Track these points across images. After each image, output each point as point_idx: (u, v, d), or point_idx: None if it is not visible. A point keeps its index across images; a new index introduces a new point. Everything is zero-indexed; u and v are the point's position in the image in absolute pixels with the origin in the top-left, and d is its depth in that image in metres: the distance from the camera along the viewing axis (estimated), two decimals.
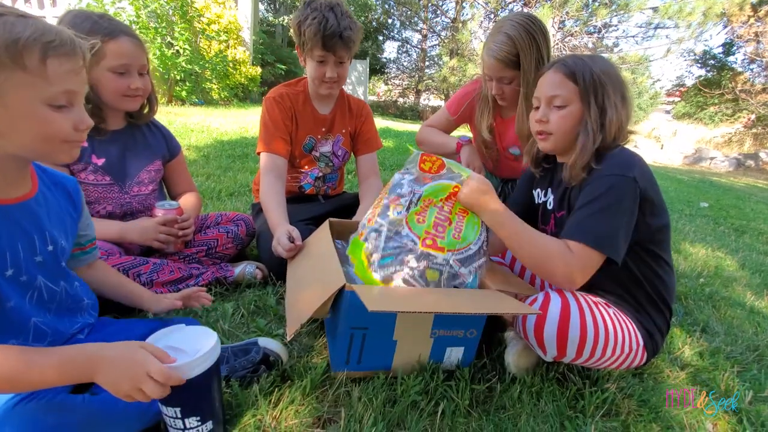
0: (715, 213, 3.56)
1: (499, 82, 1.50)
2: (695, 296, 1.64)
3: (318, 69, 1.41)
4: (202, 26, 6.16)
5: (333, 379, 0.94)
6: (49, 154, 0.66)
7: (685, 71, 15.47)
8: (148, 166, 1.29)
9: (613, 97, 0.99)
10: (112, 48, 1.08)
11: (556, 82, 1.03)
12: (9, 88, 0.58)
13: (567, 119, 1.02)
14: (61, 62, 0.60)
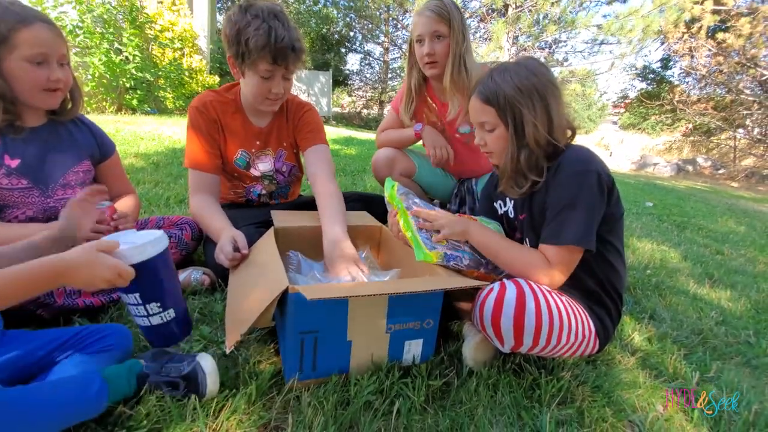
0: (660, 211, 3.78)
1: (431, 39, 1.57)
2: (643, 286, 1.71)
3: (263, 84, 1.25)
4: (155, 33, 5.94)
5: (281, 384, 0.88)
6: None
7: (628, 84, 16.60)
8: (75, 167, 1.16)
9: (529, 111, 1.01)
10: (26, 36, 0.96)
11: (479, 109, 1.08)
12: None
13: (499, 140, 1.07)
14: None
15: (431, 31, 1.55)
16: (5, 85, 0.98)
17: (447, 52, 1.57)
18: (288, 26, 1.21)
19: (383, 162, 1.85)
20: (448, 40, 1.56)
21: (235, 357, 0.97)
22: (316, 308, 0.84)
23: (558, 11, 10.18)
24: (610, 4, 10.92)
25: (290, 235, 1.25)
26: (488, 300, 0.93)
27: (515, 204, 1.18)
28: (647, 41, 9.80)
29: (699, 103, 12.29)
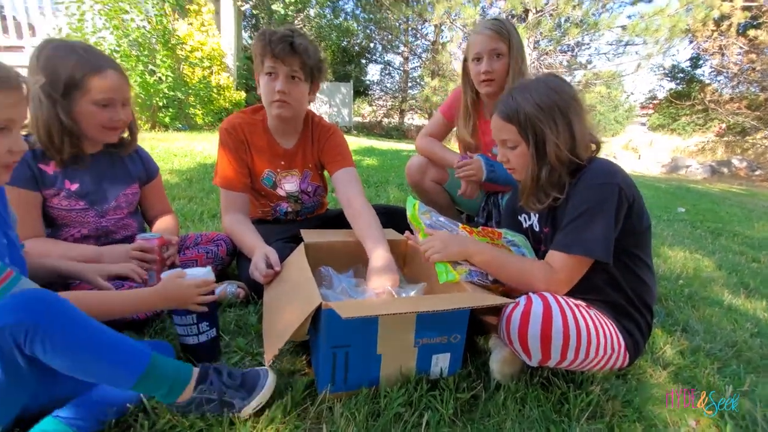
0: (692, 217, 3.65)
1: (490, 56, 1.56)
2: (675, 297, 1.67)
3: (269, 83, 1.30)
4: (185, 53, 6.23)
5: (314, 396, 0.93)
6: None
7: (657, 85, 16.14)
8: (126, 190, 1.28)
9: (550, 130, 1.03)
10: (97, 83, 1.07)
11: (500, 127, 1.10)
12: None
13: (521, 158, 1.09)
14: (4, 95, 0.69)
15: (490, 49, 1.54)
16: (74, 124, 1.09)
17: (505, 70, 1.57)
18: (294, 31, 1.28)
19: (416, 168, 1.88)
20: (507, 58, 1.56)
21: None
22: (348, 324, 0.88)
23: (580, 14, 10.02)
24: (634, 4, 10.67)
25: (320, 250, 1.30)
26: (515, 314, 0.95)
27: (540, 217, 1.19)
28: (675, 41, 9.49)
29: (732, 102, 11.78)
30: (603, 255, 0.97)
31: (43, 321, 0.65)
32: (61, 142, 1.08)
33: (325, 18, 13.24)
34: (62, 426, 0.75)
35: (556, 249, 1.02)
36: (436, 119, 1.91)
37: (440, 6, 9.95)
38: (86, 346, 0.69)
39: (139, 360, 0.75)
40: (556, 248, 1.02)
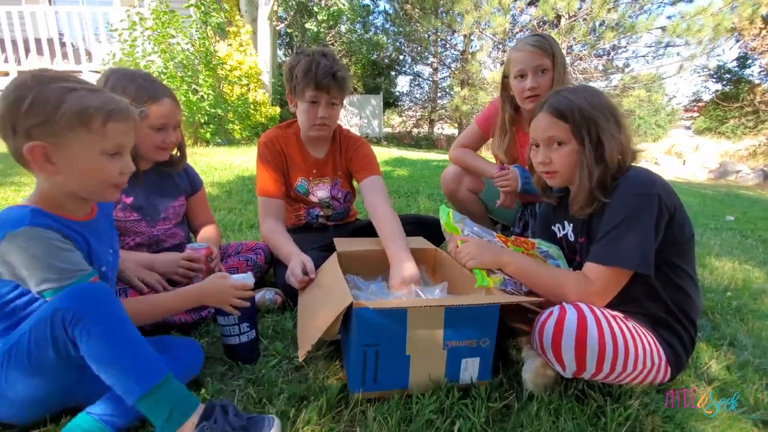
0: (742, 226, 3.43)
1: (535, 73, 1.55)
2: (722, 310, 1.59)
3: (310, 110, 1.43)
4: (225, 72, 6.57)
5: (349, 399, 0.96)
6: (99, 194, 0.85)
7: (701, 86, 15.29)
8: (174, 203, 1.39)
9: (606, 128, 1.02)
10: (155, 110, 1.20)
11: (548, 124, 1.07)
12: (75, 144, 0.77)
13: (568, 157, 1.06)
14: (117, 125, 0.80)
15: (534, 65, 1.54)
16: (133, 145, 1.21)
17: (550, 85, 1.56)
18: (333, 61, 1.40)
19: (452, 177, 1.90)
20: (552, 73, 1.55)
21: (306, 372, 1.06)
22: (377, 322, 0.92)
23: (615, 17, 9.75)
24: (674, 4, 10.26)
25: (352, 259, 1.34)
26: (548, 323, 0.94)
27: (574, 227, 1.17)
28: (719, 40, 9.06)
29: None
30: (642, 267, 0.95)
31: (88, 309, 0.72)
32: None
33: (355, 33, 13.58)
34: (96, 423, 0.79)
35: (593, 260, 1.00)
36: (471, 130, 1.91)
37: (469, 16, 9.97)
38: (112, 344, 0.73)
39: (151, 375, 0.74)
40: (592, 260, 1.00)
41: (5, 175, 3.16)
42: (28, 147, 0.74)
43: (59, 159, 0.77)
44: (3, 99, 0.75)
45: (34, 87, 0.74)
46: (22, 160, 0.77)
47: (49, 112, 0.74)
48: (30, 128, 0.74)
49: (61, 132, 0.75)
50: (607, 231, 0.99)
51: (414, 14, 13.21)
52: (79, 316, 0.71)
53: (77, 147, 0.77)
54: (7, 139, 0.76)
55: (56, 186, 0.81)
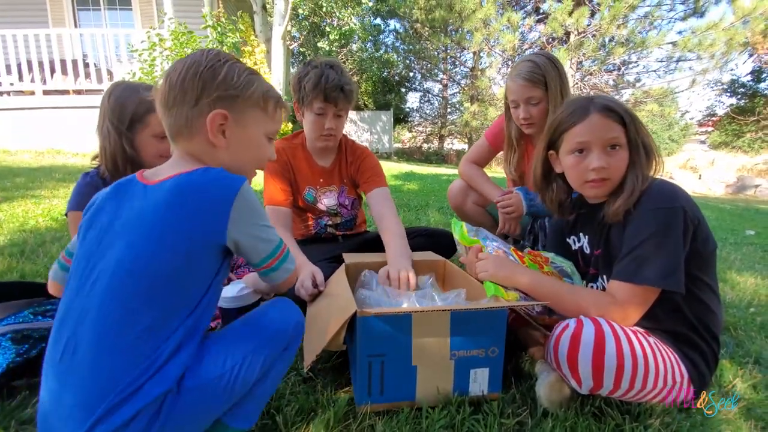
0: (764, 240, 3.33)
1: (526, 104, 1.55)
2: (746, 326, 1.52)
3: (317, 121, 1.46)
4: None
5: (357, 413, 0.94)
6: (245, 170, 0.85)
7: (715, 101, 15.15)
8: None
9: (645, 132, 1.00)
10: (156, 118, 1.18)
11: (607, 125, 0.99)
12: (251, 122, 0.82)
13: (624, 161, 1.01)
14: (281, 111, 0.87)
15: (525, 98, 1.54)
16: (136, 154, 1.23)
17: (543, 113, 1.55)
18: (340, 73, 1.43)
19: (458, 190, 1.89)
20: (544, 102, 1.54)
21: (314, 383, 1.04)
22: (382, 331, 0.90)
23: (625, 33, 9.78)
24: (685, 20, 10.26)
25: (360, 269, 1.34)
26: (563, 337, 0.91)
27: (590, 239, 1.15)
28: (732, 54, 9.00)
29: None
30: (674, 285, 0.91)
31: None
32: (125, 169, 1.22)
33: (366, 51, 13.86)
34: None
35: (619, 279, 0.96)
36: (480, 144, 1.91)
37: (479, 34, 10.12)
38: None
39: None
40: (618, 278, 0.96)
41: (26, 188, 3.25)
42: (213, 114, 0.75)
43: (232, 133, 0.79)
44: (191, 67, 0.75)
45: (226, 62, 0.78)
46: (193, 128, 0.76)
47: (240, 88, 0.78)
48: (218, 99, 0.76)
49: (245, 109, 0.79)
50: (633, 247, 0.95)
51: (424, 32, 13.46)
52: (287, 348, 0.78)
53: (252, 125, 0.82)
54: (182, 106, 0.76)
55: (211, 156, 0.79)
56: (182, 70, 0.75)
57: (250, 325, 0.76)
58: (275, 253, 0.80)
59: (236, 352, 0.70)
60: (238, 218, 0.71)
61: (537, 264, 1.17)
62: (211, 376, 0.67)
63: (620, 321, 0.94)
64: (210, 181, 0.72)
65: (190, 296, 0.68)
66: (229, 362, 0.69)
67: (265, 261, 0.79)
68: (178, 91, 0.75)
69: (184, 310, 0.67)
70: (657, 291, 0.94)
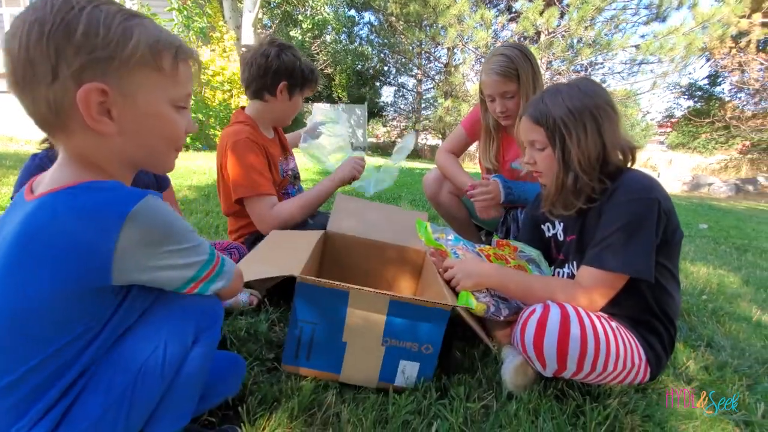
0: (715, 234, 3.54)
1: (502, 98, 1.56)
2: (698, 312, 1.60)
3: (299, 104, 1.61)
4: (207, 78, 6.50)
5: (322, 402, 0.91)
6: (160, 158, 0.65)
7: (673, 103, 15.95)
8: None
9: (577, 136, 1.01)
10: None
11: (528, 128, 1.08)
12: (144, 88, 0.57)
13: (548, 159, 1.07)
14: (186, 66, 0.62)
15: (500, 92, 1.54)
16: None
17: (519, 106, 1.56)
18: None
19: (433, 179, 1.89)
20: (519, 96, 1.55)
21: (278, 374, 1.01)
22: (318, 301, 0.91)
23: (592, 34, 10.09)
24: (647, 24, 10.69)
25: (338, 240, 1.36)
26: (530, 321, 0.92)
27: (565, 226, 1.17)
28: (691, 59, 9.46)
29: (755, 118, 11.56)
30: (644, 273, 0.93)
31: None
32: None
33: (340, 43, 13.68)
34: None
35: (590, 265, 0.98)
36: (457, 133, 1.90)
37: (453, 30, 10.17)
38: None
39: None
40: (589, 264, 0.98)
41: None
42: (83, 91, 0.52)
43: (121, 112, 0.56)
44: (33, 28, 0.51)
45: (84, 9, 0.52)
46: (62, 115, 0.54)
47: (113, 45, 0.53)
48: (84, 67, 0.52)
49: (128, 73, 0.55)
50: (606, 235, 0.97)
51: (398, 26, 13.41)
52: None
53: (145, 93, 0.57)
54: (36, 87, 0.52)
55: (105, 151, 0.58)
56: (22, 33, 0.51)
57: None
58: (200, 275, 0.62)
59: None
60: (130, 255, 0.53)
61: (503, 259, 1.18)
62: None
63: (587, 306, 0.96)
64: (74, 219, 0.51)
65: (60, 344, 0.53)
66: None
67: (187, 285, 0.62)
68: (24, 65, 0.51)
69: (51, 363, 0.53)
70: (625, 278, 0.97)
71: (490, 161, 1.77)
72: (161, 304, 0.62)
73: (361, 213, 1.45)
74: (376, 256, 1.38)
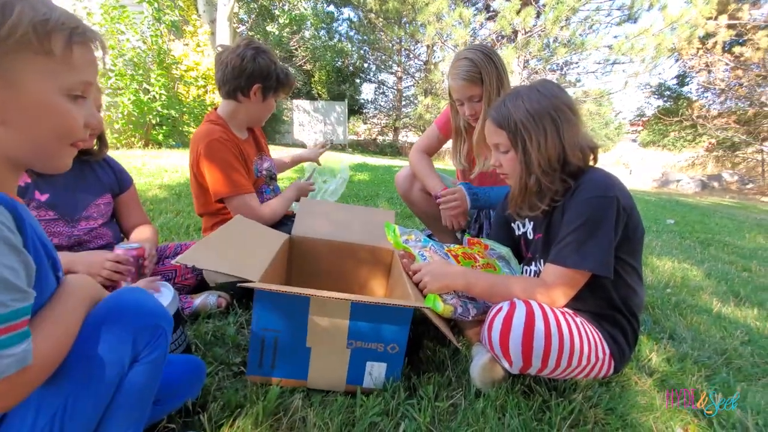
0: (681, 228, 3.67)
1: (469, 101, 1.57)
2: (662, 306, 1.66)
3: (272, 106, 1.61)
4: (181, 73, 6.31)
5: (288, 406, 0.90)
6: (49, 155, 0.56)
7: (644, 102, 16.49)
8: (97, 201, 1.26)
9: (536, 138, 1.02)
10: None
11: (492, 132, 1.10)
12: (29, 74, 0.50)
13: (512, 161, 1.09)
14: (84, 50, 0.55)
15: (466, 97, 1.56)
16: None
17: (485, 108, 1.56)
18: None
19: (405, 177, 1.88)
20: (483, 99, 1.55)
21: (244, 379, 0.99)
22: (278, 308, 0.89)
23: (567, 34, 10.31)
24: (620, 24, 10.99)
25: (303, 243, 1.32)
26: (497, 319, 0.93)
27: (534, 225, 1.18)
28: (660, 59, 9.78)
29: (720, 117, 12.06)
30: (603, 270, 0.95)
31: None
32: None
33: (319, 39, 13.52)
34: None
35: (552, 262, 1.00)
36: (431, 132, 1.90)
37: (431, 27, 10.21)
38: None
39: None
40: (551, 261, 1.00)
41: None
42: None
43: (0, 99, 0.50)
44: None
45: None
46: None
47: None
48: None
49: (7, 57, 0.49)
50: (567, 233, 0.99)
51: (378, 23, 13.37)
52: None
53: (31, 80, 0.50)
54: None
55: None
56: None
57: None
58: None
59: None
60: None
61: (472, 258, 1.19)
62: None
63: (548, 303, 0.98)
64: None
65: None
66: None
67: None
68: None
69: None
70: (586, 275, 0.99)
71: (461, 162, 1.78)
72: (94, 320, 0.57)
73: (329, 215, 1.43)
74: (347, 257, 1.36)
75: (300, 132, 12.54)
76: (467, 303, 1.08)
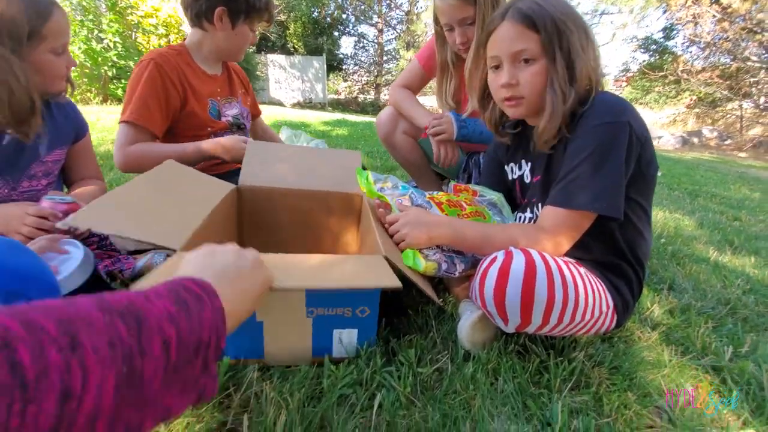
0: (668, 180, 3.61)
1: (460, 25, 1.36)
2: (658, 256, 1.56)
3: (248, 37, 1.40)
4: (138, 19, 5.72)
5: (240, 381, 0.74)
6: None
7: (630, 57, 16.21)
8: (45, 157, 1.04)
9: (578, 42, 0.83)
10: (52, 27, 0.92)
11: (516, 35, 0.85)
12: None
13: (538, 76, 0.86)
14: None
15: (458, 19, 1.35)
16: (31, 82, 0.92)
17: None
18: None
19: (387, 118, 1.69)
20: (478, 22, 1.35)
21: None
22: None
23: None
24: None
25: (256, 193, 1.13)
26: (490, 271, 0.78)
27: (533, 166, 1.01)
28: (649, 9, 9.48)
29: (704, 72, 11.95)
30: (612, 211, 0.79)
31: None
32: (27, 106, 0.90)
33: None
34: None
35: (552, 204, 0.84)
36: (412, 68, 1.68)
37: None
38: None
39: None
40: (551, 203, 0.84)
41: None
42: None
43: None
44: None
45: None
46: None
47: None
48: None
49: None
50: (570, 169, 0.82)
51: None
52: None
53: None
54: None
55: None
56: None
57: None
58: None
59: None
60: None
61: (458, 206, 1.02)
62: None
63: (551, 250, 0.83)
64: None
65: None
66: None
67: None
68: None
69: None
70: (592, 217, 0.84)
71: (447, 102, 1.58)
72: None
73: (286, 159, 1.22)
74: (317, 207, 1.18)
75: (277, 89, 11.91)
76: (453, 257, 0.92)
